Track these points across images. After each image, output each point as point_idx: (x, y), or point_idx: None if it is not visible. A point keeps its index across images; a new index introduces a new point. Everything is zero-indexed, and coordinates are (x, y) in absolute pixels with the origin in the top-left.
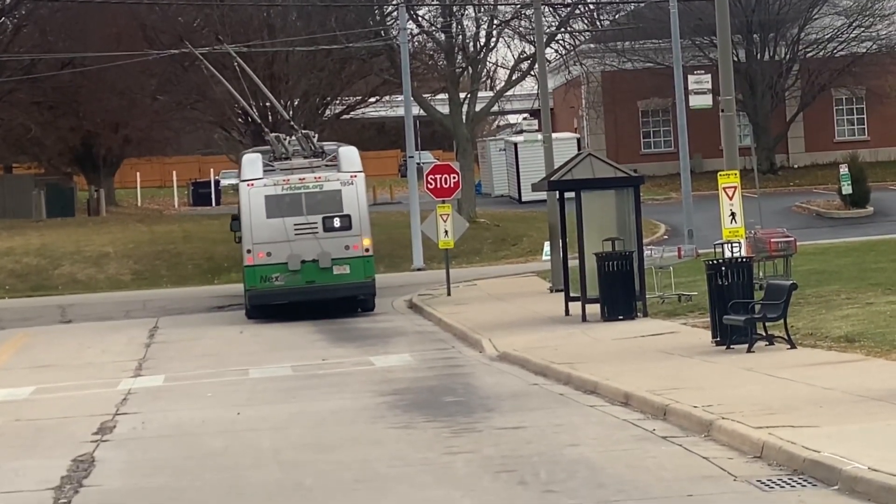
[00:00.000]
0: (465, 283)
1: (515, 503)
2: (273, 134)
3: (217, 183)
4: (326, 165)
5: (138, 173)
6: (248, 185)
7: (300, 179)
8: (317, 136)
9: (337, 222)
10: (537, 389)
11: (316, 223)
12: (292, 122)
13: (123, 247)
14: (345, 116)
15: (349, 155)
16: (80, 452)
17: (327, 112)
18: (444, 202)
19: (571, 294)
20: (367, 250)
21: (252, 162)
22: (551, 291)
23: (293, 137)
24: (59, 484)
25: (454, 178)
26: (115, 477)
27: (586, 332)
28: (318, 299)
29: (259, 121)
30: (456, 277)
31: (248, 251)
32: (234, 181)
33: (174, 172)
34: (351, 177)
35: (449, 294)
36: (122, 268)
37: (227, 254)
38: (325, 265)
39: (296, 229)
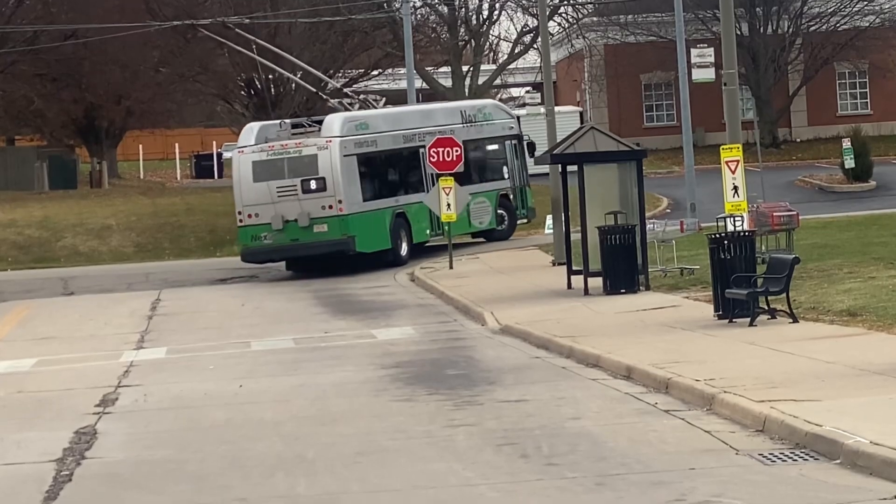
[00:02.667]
0: (468, 256)
1: (517, 476)
2: (336, 100)
3: (220, 155)
4: (311, 133)
5: (141, 146)
6: (238, 152)
7: (283, 146)
8: (384, 100)
9: (313, 184)
10: (539, 363)
11: (296, 186)
12: (346, 91)
13: (126, 219)
14: (348, 89)
15: (329, 122)
16: (83, 425)
17: (330, 85)
18: (446, 175)
19: (574, 267)
20: (341, 210)
21: (248, 131)
22: (553, 265)
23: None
24: (61, 456)
25: (457, 151)
26: (117, 449)
27: (588, 305)
28: (303, 255)
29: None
30: (458, 250)
31: (239, 213)
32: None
33: (176, 145)
34: (326, 142)
35: (451, 267)
36: (124, 240)
37: (230, 226)
38: (304, 224)
39: (278, 192)
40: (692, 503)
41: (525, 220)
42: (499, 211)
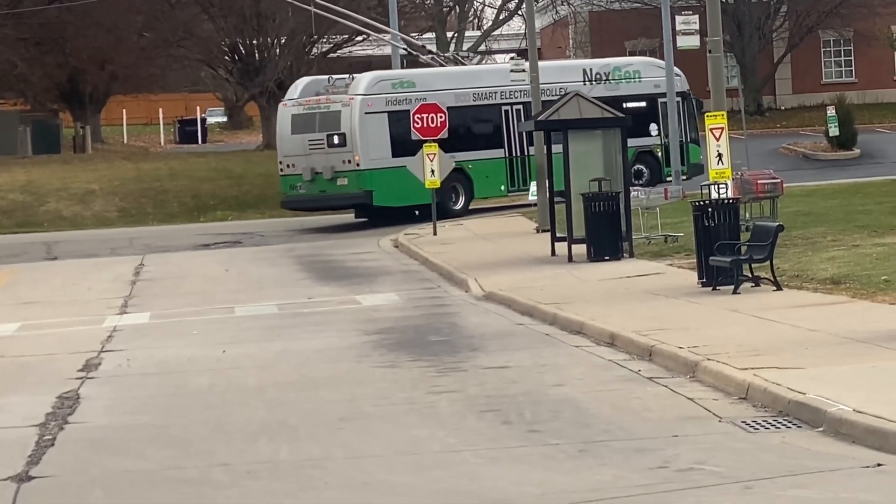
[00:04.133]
0: (452, 222)
1: (500, 443)
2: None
3: (203, 121)
4: (347, 88)
5: (124, 110)
6: (283, 104)
7: (317, 101)
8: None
9: (336, 139)
10: (523, 329)
11: (323, 140)
12: (431, 51)
13: (109, 184)
14: (332, 55)
15: (357, 80)
16: (66, 389)
17: (314, 50)
18: (430, 141)
19: (558, 234)
20: (357, 165)
21: (295, 85)
22: (538, 231)
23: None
24: (43, 421)
25: (441, 117)
26: (100, 414)
27: (572, 272)
28: (329, 206)
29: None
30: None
31: (280, 162)
32: (221, 119)
33: (160, 110)
34: (349, 99)
35: (435, 234)
36: (107, 205)
37: (213, 192)
38: (328, 177)
39: (310, 144)
40: (675, 470)
41: (685, 178)
42: (637, 167)
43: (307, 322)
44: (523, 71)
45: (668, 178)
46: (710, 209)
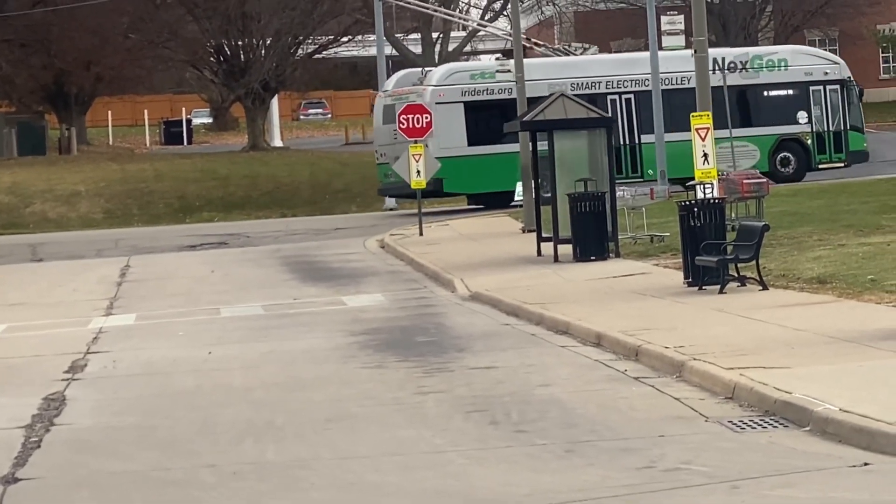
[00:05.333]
0: (438, 223)
1: (487, 443)
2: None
3: (189, 122)
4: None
5: (110, 112)
6: (379, 95)
7: (400, 92)
8: (585, 49)
9: None
10: (509, 330)
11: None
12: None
13: (95, 185)
14: (317, 56)
15: (432, 72)
16: (51, 391)
17: (300, 51)
18: (416, 142)
19: (543, 234)
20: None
21: (391, 78)
22: (524, 232)
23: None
24: (29, 422)
25: (426, 117)
26: (86, 415)
27: (558, 272)
28: (407, 194)
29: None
30: (428, 217)
31: (376, 151)
32: (206, 120)
33: (146, 111)
34: (422, 90)
35: (421, 234)
36: (93, 206)
37: (199, 193)
38: None
39: (394, 134)
40: (662, 469)
41: (842, 165)
42: (783, 154)
43: (293, 323)
44: (508, 71)
45: (821, 166)
46: (695, 209)
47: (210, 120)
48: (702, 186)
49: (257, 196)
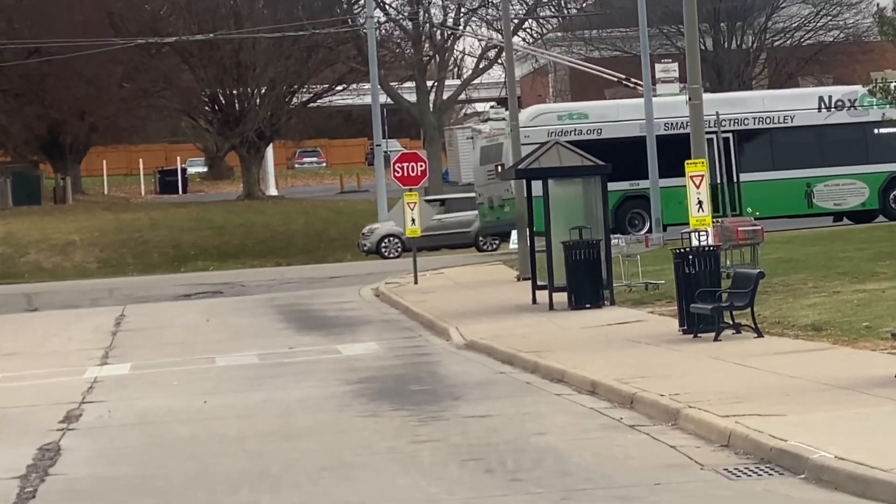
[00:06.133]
0: (432, 271)
1: (482, 492)
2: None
3: (184, 171)
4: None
5: (105, 161)
6: (479, 138)
7: (492, 134)
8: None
9: (499, 169)
10: (504, 378)
11: (493, 170)
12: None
13: (90, 235)
14: (312, 104)
15: (522, 114)
16: (47, 441)
17: (294, 100)
18: (411, 190)
19: (539, 282)
20: (511, 195)
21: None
22: (518, 280)
23: None
24: (24, 472)
25: (421, 166)
26: (81, 465)
27: (553, 320)
28: (504, 232)
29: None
30: (423, 266)
31: (475, 192)
32: (201, 169)
33: (141, 160)
34: (503, 132)
35: (416, 282)
36: (88, 256)
37: (194, 242)
38: (498, 205)
39: (487, 174)
40: None
41: None
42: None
43: (288, 372)
44: (503, 119)
45: None
46: (690, 256)
47: (205, 169)
48: (696, 234)
49: (252, 245)
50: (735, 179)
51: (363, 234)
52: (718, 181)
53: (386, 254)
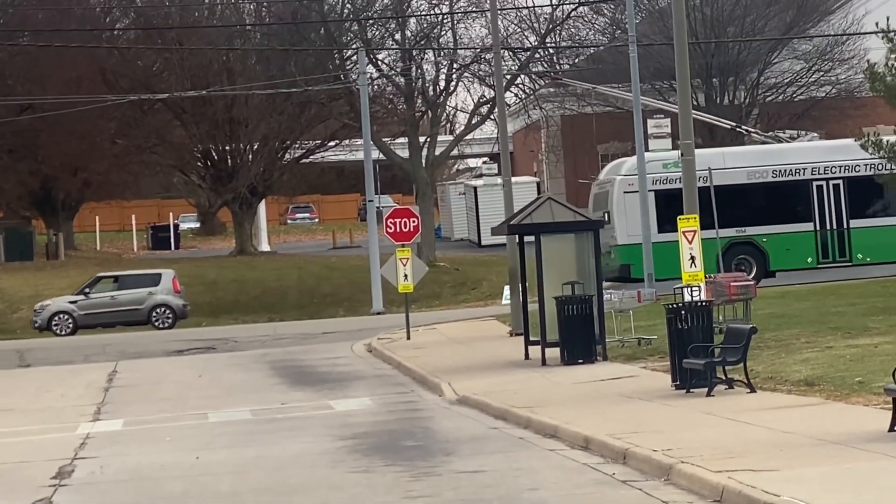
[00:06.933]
0: (425, 326)
1: None
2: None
3: (176, 227)
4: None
5: (97, 217)
6: (593, 184)
7: (601, 182)
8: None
9: (606, 217)
10: (497, 433)
11: (601, 217)
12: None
13: None
14: (304, 160)
15: (620, 163)
16: (39, 497)
17: (287, 155)
18: (403, 246)
19: (531, 338)
20: (616, 241)
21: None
22: (511, 335)
23: None
24: None
25: (414, 221)
26: None
27: (546, 375)
28: (614, 278)
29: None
30: (415, 321)
31: None
32: (193, 225)
33: (133, 216)
34: (611, 180)
35: (408, 338)
36: None
37: (187, 298)
38: (605, 251)
39: (603, 221)
40: None
41: None
42: None
43: (281, 427)
44: (496, 186)
45: None
46: (683, 312)
47: (197, 225)
48: (689, 289)
49: (245, 301)
50: (846, 226)
51: (35, 311)
52: (828, 227)
53: (57, 331)
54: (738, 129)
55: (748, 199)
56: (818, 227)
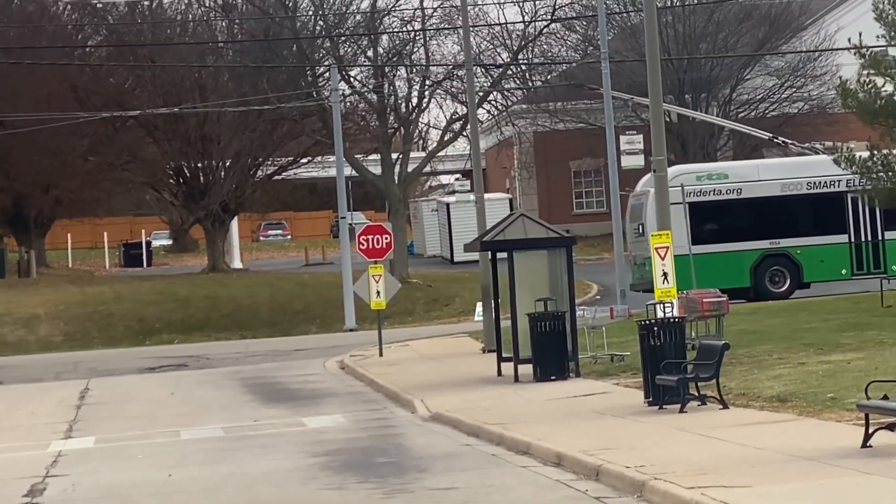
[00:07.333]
0: (398, 343)
1: None
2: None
3: (149, 244)
4: None
5: (69, 234)
6: (630, 195)
7: (636, 194)
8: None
9: (640, 228)
10: (469, 450)
11: (636, 229)
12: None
13: (54, 308)
14: (277, 177)
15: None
16: None
17: (259, 172)
18: (376, 263)
19: (504, 354)
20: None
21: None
22: (484, 352)
23: None
24: None
25: (386, 238)
26: None
27: (519, 392)
28: (643, 290)
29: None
30: (388, 338)
31: (629, 250)
32: (166, 242)
33: (105, 233)
34: (647, 192)
35: (381, 354)
36: (52, 329)
37: (159, 315)
38: (640, 262)
39: (633, 233)
40: None
41: None
42: None
43: (253, 445)
44: (469, 202)
45: None
46: (655, 328)
47: (170, 242)
48: (662, 305)
49: (217, 318)
50: (881, 237)
51: None
52: (863, 239)
53: None
54: (774, 140)
55: (782, 210)
56: (853, 239)
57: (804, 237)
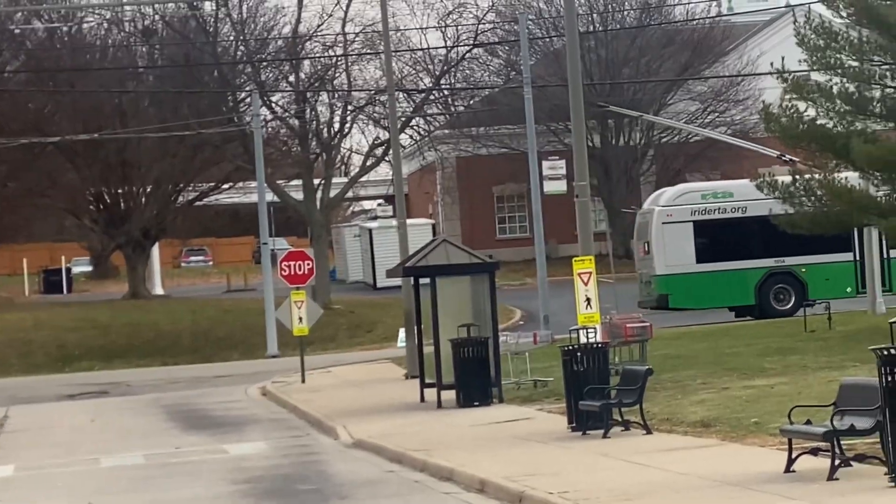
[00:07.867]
0: (320, 369)
1: None
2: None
3: (69, 271)
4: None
5: None
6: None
7: (642, 212)
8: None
9: (646, 246)
10: (393, 477)
11: (642, 246)
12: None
13: None
14: (198, 203)
15: (661, 194)
16: None
17: (180, 198)
18: (298, 289)
19: (427, 380)
20: (654, 270)
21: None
22: (407, 378)
23: None
24: None
25: (308, 264)
26: None
27: (442, 418)
28: (654, 307)
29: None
30: (311, 364)
31: (637, 267)
32: (86, 268)
33: (25, 260)
34: (651, 211)
35: (303, 381)
36: None
37: (79, 342)
38: (646, 280)
39: (640, 251)
40: None
41: None
42: None
43: (175, 472)
44: (391, 227)
45: None
46: (578, 353)
47: (90, 268)
48: (585, 331)
49: (138, 344)
50: (885, 255)
51: None
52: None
53: None
54: (781, 159)
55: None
56: (858, 258)
57: (809, 255)
